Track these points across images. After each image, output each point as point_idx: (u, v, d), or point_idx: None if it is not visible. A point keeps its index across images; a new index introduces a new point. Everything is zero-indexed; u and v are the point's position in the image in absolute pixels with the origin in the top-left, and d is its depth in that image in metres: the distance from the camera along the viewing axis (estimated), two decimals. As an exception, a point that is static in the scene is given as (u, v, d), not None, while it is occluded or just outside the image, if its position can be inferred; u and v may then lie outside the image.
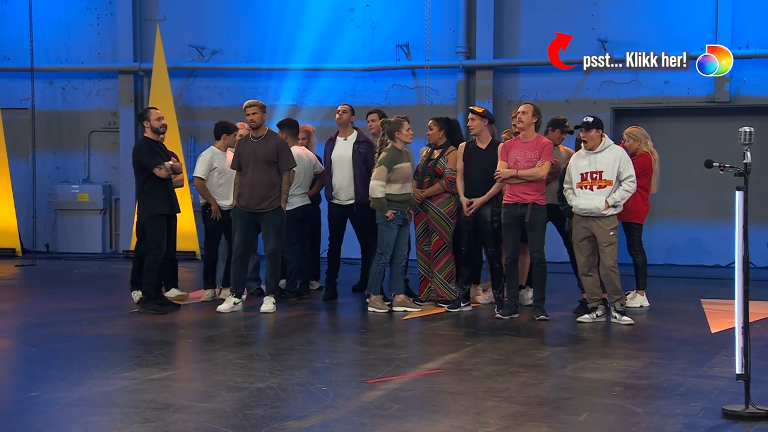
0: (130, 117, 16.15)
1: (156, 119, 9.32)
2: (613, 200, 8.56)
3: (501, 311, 9.00)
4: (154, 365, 6.69)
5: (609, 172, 8.60)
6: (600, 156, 8.65)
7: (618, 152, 8.68)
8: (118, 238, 16.39)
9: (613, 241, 8.60)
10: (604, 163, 8.62)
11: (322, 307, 9.99)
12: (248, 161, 9.22)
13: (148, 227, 9.25)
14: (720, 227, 13.89)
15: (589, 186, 8.64)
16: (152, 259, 9.21)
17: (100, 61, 16.50)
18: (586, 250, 8.73)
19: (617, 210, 8.65)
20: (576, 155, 8.87)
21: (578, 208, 8.67)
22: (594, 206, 8.56)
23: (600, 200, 8.55)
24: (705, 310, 9.65)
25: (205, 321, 8.93)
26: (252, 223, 9.25)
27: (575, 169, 8.76)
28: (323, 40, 15.34)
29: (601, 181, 8.61)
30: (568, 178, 8.84)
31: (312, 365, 6.84)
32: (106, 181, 16.58)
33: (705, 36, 13.87)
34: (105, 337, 7.98)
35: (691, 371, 6.57)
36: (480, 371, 6.51)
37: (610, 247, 8.59)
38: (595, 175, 8.63)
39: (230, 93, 15.81)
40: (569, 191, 8.82)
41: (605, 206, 8.53)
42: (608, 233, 8.57)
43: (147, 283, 9.23)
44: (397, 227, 9.32)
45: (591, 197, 8.60)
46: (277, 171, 9.21)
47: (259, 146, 9.19)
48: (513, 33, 14.98)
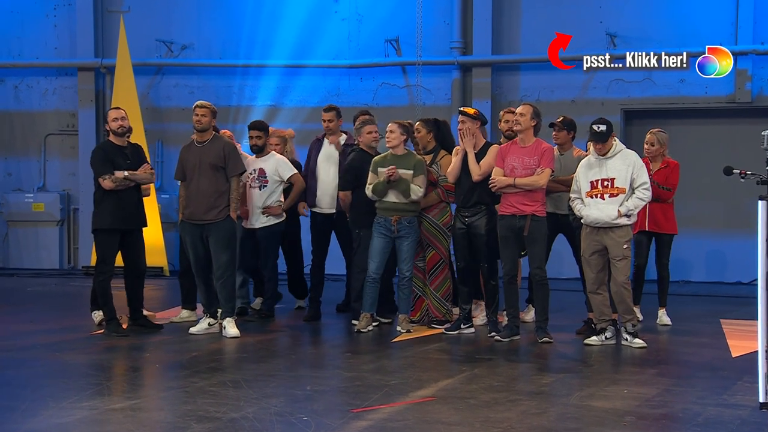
0: (91, 119, 16.12)
1: (112, 120, 9.32)
2: (626, 209, 8.56)
3: (501, 333, 9.00)
4: (116, 394, 6.66)
5: (622, 179, 8.61)
6: (611, 162, 8.65)
7: (631, 158, 8.69)
8: (77, 253, 16.34)
9: (626, 254, 8.61)
10: (616, 170, 8.62)
11: (304, 328, 9.98)
12: (193, 168, 9.28)
13: (95, 241, 9.33)
14: (741, 240, 13.93)
15: (600, 194, 8.65)
16: (99, 278, 9.25)
17: (57, 56, 16.48)
18: (596, 266, 8.73)
19: (631, 220, 8.67)
20: (584, 163, 8.88)
21: (588, 219, 8.67)
22: (606, 216, 8.57)
23: (612, 209, 8.57)
24: (725, 331, 9.67)
25: (175, 344, 8.90)
26: (201, 237, 9.29)
27: (584, 178, 8.77)
28: (304, 35, 15.35)
29: (614, 189, 8.61)
30: (576, 187, 8.85)
31: (292, 393, 6.82)
32: (63, 189, 16.54)
33: (724, 31, 13.95)
34: (62, 363, 7.94)
35: (710, 399, 6.58)
36: (477, 399, 6.51)
37: (622, 262, 8.60)
38: (607, 182, 8.63)
39: (202, 92, 15.78)
40: (577, 201, 8.84)
41: (618, 215, 8.56)
42: (621, 246, 8.58)
43: (101, 303, 9.28)
44: (381, 236, 9.38)
45: (602, 207, 8.61)
46: (224, 177, 9.26)
47: (204, 151, 9.26)
48: (513, 27, 15.03)
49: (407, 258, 9.47)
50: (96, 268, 9.35)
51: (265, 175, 10.13)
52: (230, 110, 15.55)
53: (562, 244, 9.93)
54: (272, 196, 10.16)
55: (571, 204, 8.94)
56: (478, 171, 9.04)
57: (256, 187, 10.13)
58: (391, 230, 9.38)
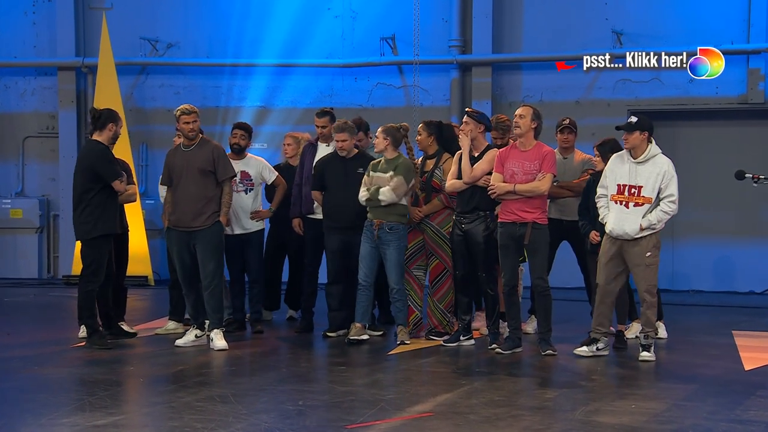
0: (72, 120, 16.10)
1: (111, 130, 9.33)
2: (647, 223, 8.42)
3: (502, 345, 8.99)
4: (98, 409, 6.64)
5: (650, 188, 8.45)
6: (642, 168, 8.49)
7: (663, 165, 8.49)
8: (57, 261, 16.31)
9: (648, 262, 8.47)
10: (645, 177, 8.47)
11: (296, 340, 9.97)
12: (180, 173, 9.29)
13: (91, 249, 9.24)
14: (754, 248, 13.95)
15: (624, 202, 8.52)
16: (90, 287, 9.24)
17: (36, 55, 16.46)
18: (610, 273, 8.60)
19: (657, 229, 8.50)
20: (616, 157, 8.69)
21: (608, 228, 8.56)
22: (624, 232, 8.45)
23: (634, 222, 8.42)
24: (737, 343, 9.67)
25: (160, 357, 8.89)
26: (188, 245, 9.29)
27: (612, 175, 8.61)
28: (296, 32, 15.35)
29: (639, 198, 8.47)
30: (605, 182, 8.68)
31: (282, 408, 6.82)
32: (43, 194, 16.52)
33: (736, 28, 13.97)
34: (42, 377, 7.93)
35: (722, 415, 6.59)
36: (477, 414, 6.50)
37: (644, 269, 8.47)
38: (634, 190, 8.48)
39: (188, 93, 15.79)
40: (603, 200, 8.67)
41: (639, 230, 8.43)
42: (644, 255, 8.47)
43: (86, 315, 9.26)
44: (366, 241, 9.46)
45: (624, 218, 8.46)
46: (213, 182, 9.27)
47: (192, 155, 9.26)
48: (515, 24, 15.04)
49: (392, 267, 9.42)
50: (88, 277, 9.23)
51: (249, 178, 10.23)
52: (218, 111, 15.55)
53: (568, 252, 9.93)
54: (257, 199, 10.34)
55: (596, 200, 8.77)
56: (469, 173, 9.00)
57: (242, 190, 10.18)
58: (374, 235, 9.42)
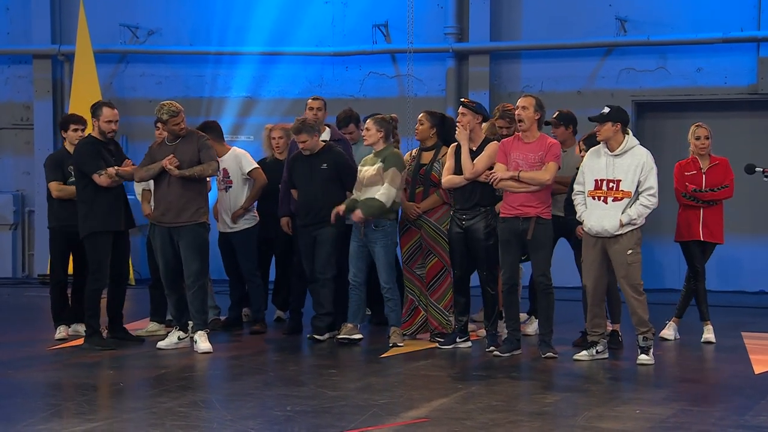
0: (47, 111, 16.10)
1: (106, 121, 9.40)
2: (627, 218, 8.47)
3: (500, 348, 9.01)
4: (76, 415, 6.65)
5: (628, 181, 8.51)
6: (620, 160, 8.56)
7: (641, 157, 8.56)
8: (33, 259, 16.32)
9: (631, 260, 8.54)
10: (623, 170, 8.54)
11: (284, 342, 9.98)
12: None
13: (87, 247, 9.37)
14: (764, 245, 13.98)
15: (602, 197, 8.58)
16: (93, 286, 9.34)
17: (9, 42, 16.44)
18: (595, 272, 8.67)
19: (636, 225, 8.58)
20: (592, 152, 8.76)
21: (586, 227, 8.65)
22: (603, 229, 8.51)
23: (614, 219, 8.47)
24: (747, 345, 9.71)
25: (141, 359, 8.90)
26: (172, 241, 9.33)
27: (589, 171, 8.68)
28: (284, 19, 15.35)
29: (618, 192, 8.53)
30: (581, 179, 8.75)
31: (270, 414, 6.82)
32: (17, 189, 16.51)
33: (746, 15, 13.97)
34: (16, 382, 7.94)
35: (731, 420, 6.61)
36: (474, 420, 6.52)
37: (627, 268, 8.55)
38: (612, 184, 8.54)
39: (170, 82, 15.79)
40: (580, 197, 8.75)
41: (618, 226, 8.48)
42: (625, 253, 8.53)
43: (89, 315, 9.33)
44: (354, 239, 9.53)
45: (602, 214, 8.51)
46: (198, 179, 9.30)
47: (177, 150, 9.28)
48: (513, 11, 15.03)
49: (382, 267, 9.46)
50: (90, 276, 9.37)
51: (228, 176, 10.23)
52: (202, 102, 15.54)
53: (569, 250, 9.94)
54: (240, 196, 10.27)
55: (573, 198, 8.83)
56: (470, 168, 9.02)
57: (222, 189, 10.20)
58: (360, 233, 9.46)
